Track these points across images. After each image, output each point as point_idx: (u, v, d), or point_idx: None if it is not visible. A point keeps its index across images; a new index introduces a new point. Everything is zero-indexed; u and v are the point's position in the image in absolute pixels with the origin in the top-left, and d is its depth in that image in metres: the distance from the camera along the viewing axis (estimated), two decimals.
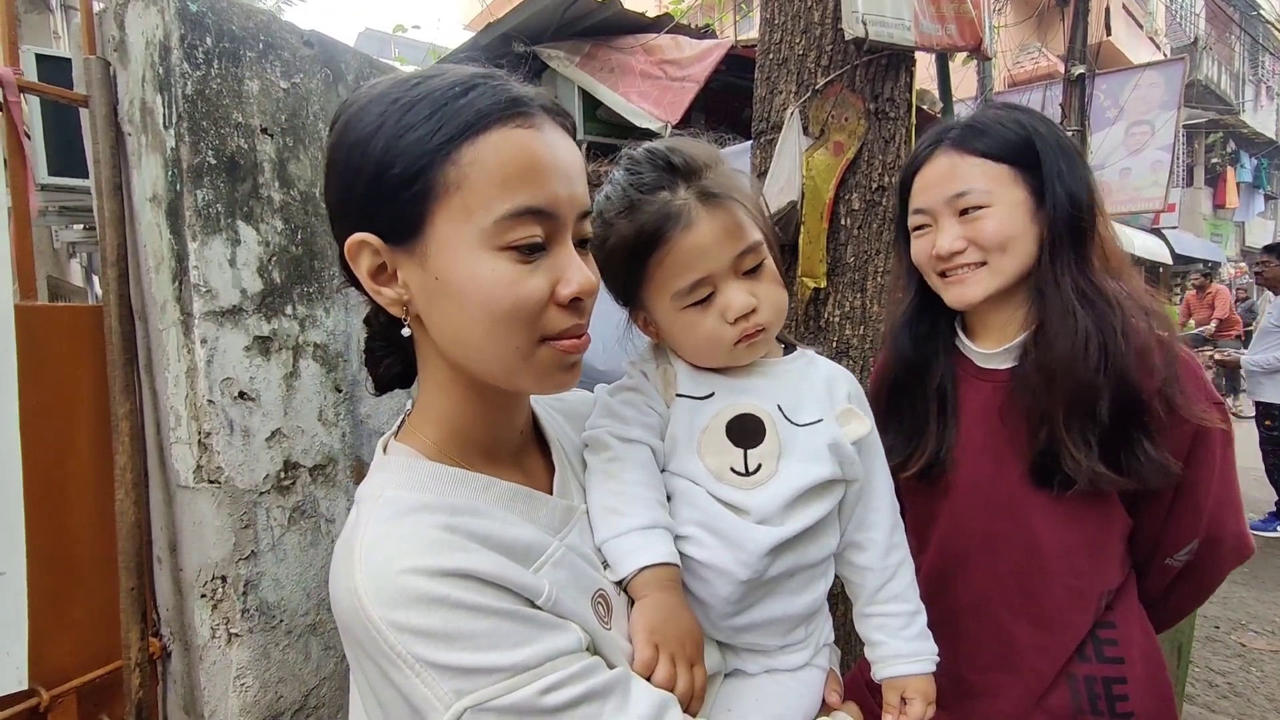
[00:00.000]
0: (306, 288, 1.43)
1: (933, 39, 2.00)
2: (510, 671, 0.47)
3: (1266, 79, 20.61)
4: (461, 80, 0.53)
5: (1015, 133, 0.92)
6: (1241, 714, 2.73)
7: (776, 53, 1.99)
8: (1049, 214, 0.90)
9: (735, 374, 0.75)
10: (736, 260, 0.70)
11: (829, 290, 1.91)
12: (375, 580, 0.48)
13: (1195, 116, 14.31)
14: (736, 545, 0.68)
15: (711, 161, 0.72)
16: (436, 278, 0.53)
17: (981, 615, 0.99)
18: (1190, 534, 0.94)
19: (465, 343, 0.55)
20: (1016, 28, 11.97)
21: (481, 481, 0.58)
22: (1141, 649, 0.96)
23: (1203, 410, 0.88)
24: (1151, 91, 8.44)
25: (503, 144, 0.52)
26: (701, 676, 0.62)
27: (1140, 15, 14.84)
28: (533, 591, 0.52)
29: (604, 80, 3.11)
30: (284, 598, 1.37)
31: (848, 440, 0.73)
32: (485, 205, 0.51)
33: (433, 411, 0.62)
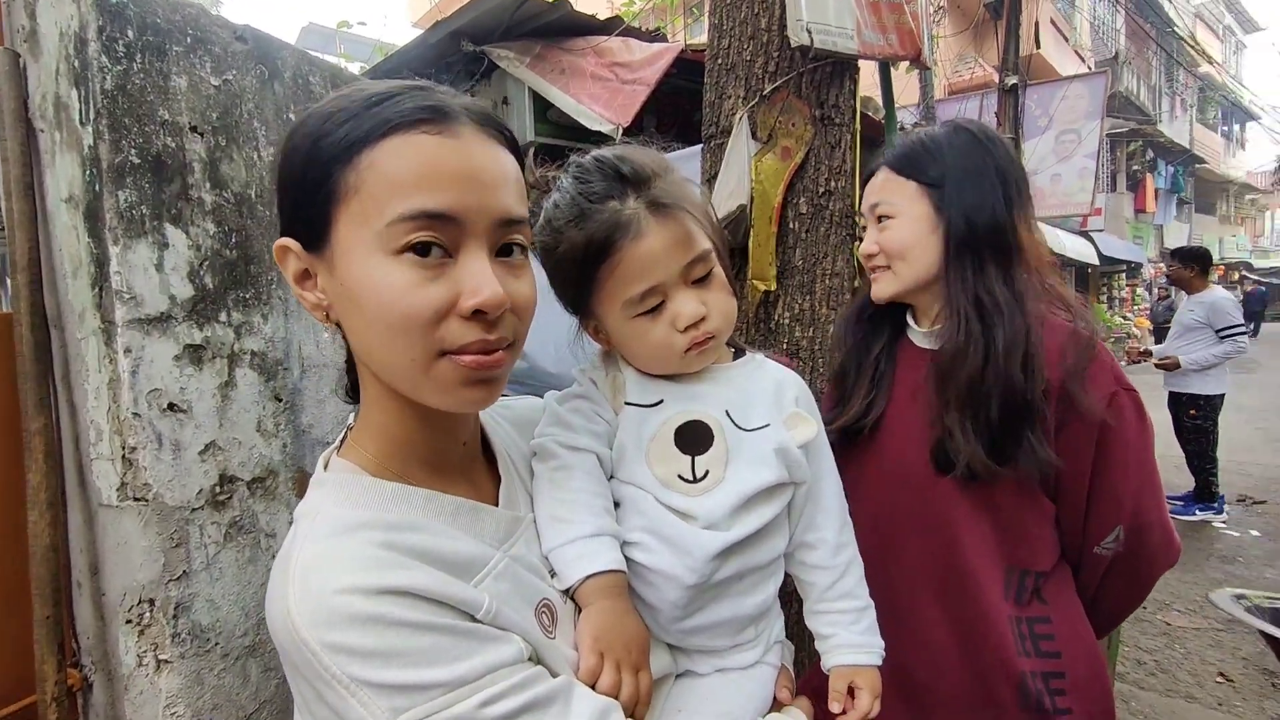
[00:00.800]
0: (242, 293, 1.37)
1: (875, 48, 2.06)
2: (448, 686, 0.47)
3: (1180, 92, 22.08)
4: (385, 90, 0.54)
5: (928, 153, 1.03)
6: (1168, 689, 2.90)
7: (725, 58, 2.01)
8: (948, 227, 1.00)
9: (684, 380, 0.75)
10: (686, 269, 0.70)
11: (778, 293, 1.94)
12: (309, 601, 0.47)
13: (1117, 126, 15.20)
14: (683, 551, 0.68)
15: (661, 170, 0.72)
16: (342, 283, 0.53)
17: (914, 593, 1.03)
18: (1113, 520, 0.98)
19: (369, 351, 0.55)
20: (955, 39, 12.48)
21: (422, 496, 0.57)
22: (1078, 643, 0.99)
23: (1112, 396, 0.95)
24: (1078, 102, 8.92)
25: (403, 148, 0.51)
26: (647, 682, 0.63)
27: (1066, 30, 15.68)
28: (472, 605, 0.52)
29: (555, 82, 3.09)
30: (220, 619, 1.31)
31: (795, 444, 0.74)
32: (379, 208, 0.50)
33: (372, 425, 0.60)
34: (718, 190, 1.96)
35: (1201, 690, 2.88)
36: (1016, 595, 0.99)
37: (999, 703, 0.97)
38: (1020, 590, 0.99)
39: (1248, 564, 4.10)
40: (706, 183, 2.10)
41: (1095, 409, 0.94)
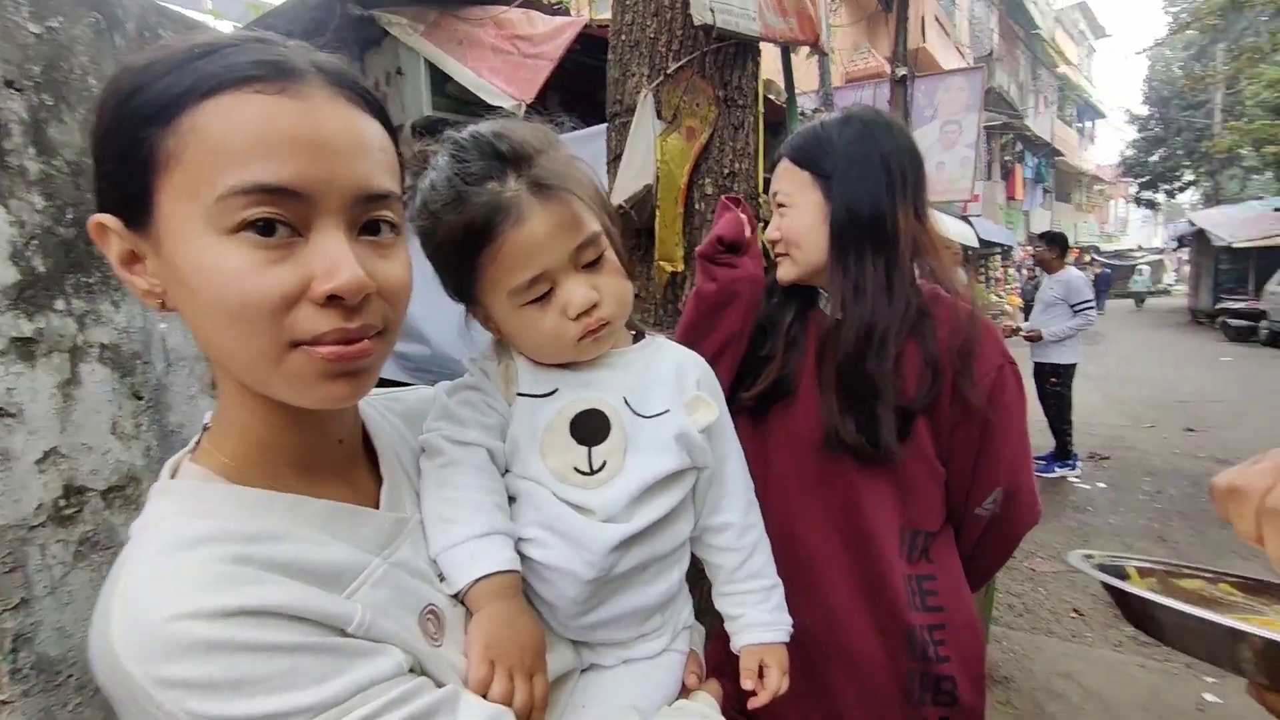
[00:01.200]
0: (85, 278, 1.19)
1: (776, 31, 2.09)
2: (313, 710, 0.43)
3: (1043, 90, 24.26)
4: (214, 41, 0.46)
5: (819, 144, 1.07)
6: (1033, 627, 3.24)
7: (629, 34, 1.97)
8: (833, 217, 1.05)
9: (579, 368, 0.72)
10: (575, 254, 0.66)
11: (686, 273, 1.94)
12: (135, 631, 0.41)
13: (992, 119, 16.46)
14: (580, 545, 0.66)
15: (544, 146, 0.67)
16: (171, 266, 0.46)
17: (819, 552, 1.08)
18: (993, 483, 1.06)
19: (210, 342, 0.48)
20: (851, 28, 13.02)
21: (288, 502, 0.52)
22: (957, 598, 1.07)
23: (999, 369, 1.03)
24: (959, 95, 9.58)
25: (232, 109, 0.44)
26: (542, 687, 0.60)
27: (948, 26, 16.76)
28: (341, 619, 0.47)
29: (452, 53, 2.93)
30: (72, 648, 1.16)
31: (696, 428, 0.72)
32: (207, 180, 0.43)
33: (230, 425, 0.54)
34: (623, 170, 1.93)
35: (1059, 625, 3.25)
36: (909, 554, 1.06)
37: (892, 653, 1.04)
38: (912, 549, 1.06)
39: (1096, 512, 4.65)
40: (612, 162, 2.06)
41: (984, 382, 1.02)
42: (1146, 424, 6.91)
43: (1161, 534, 4.18)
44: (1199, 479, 5.12)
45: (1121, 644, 3.07)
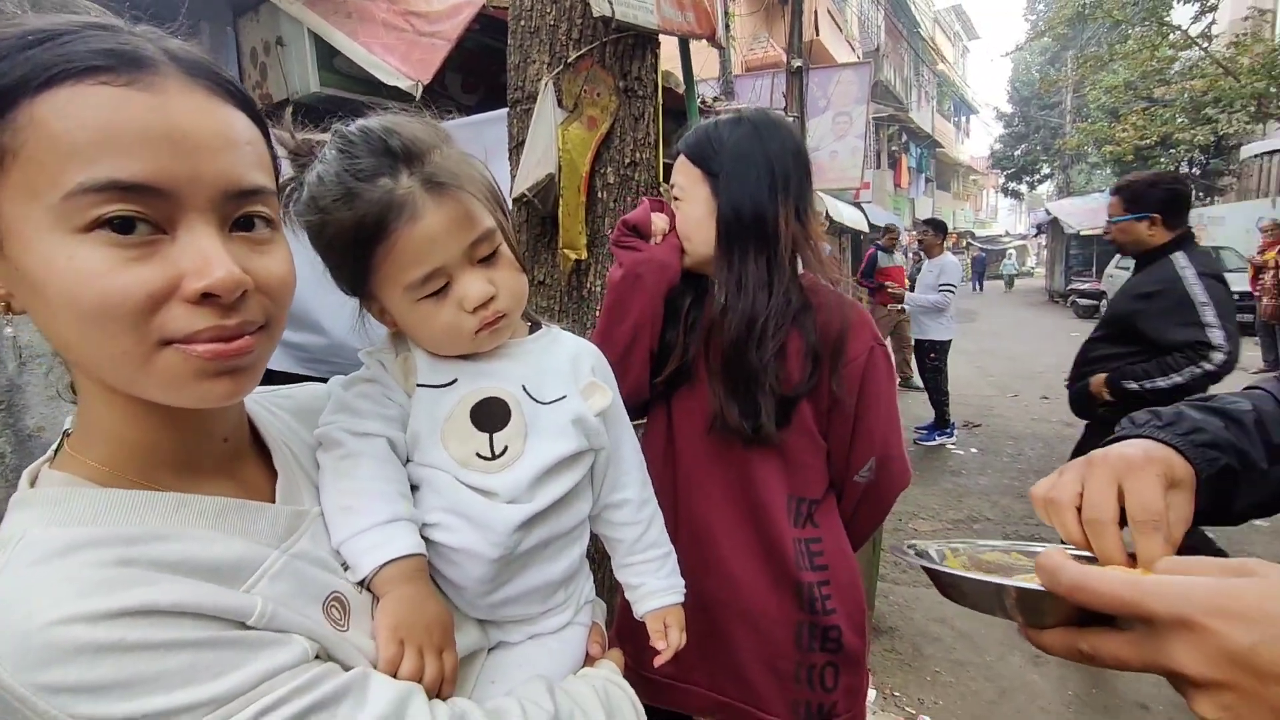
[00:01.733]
0: None
1: (673, 24, 2.15)
2: (215, 703, 0.43)
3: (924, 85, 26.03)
4: (51, 27, 0.43)
5: (710, 144, 1.14)
6: (914, 581, 3.58)
7: (529, 20, 1.97)
8: (720, 213, 1.13)
9: (478, 358, 0.74)
10: (470, 250, 0.67)
11: (590, 261, 1.99)
12: (11, 641, 0.40)
13: (879, 111, 17.49)
14: (485, 526, 0.68)
15: (436, 143, 0.67)
16: (15, 266, 0.44)
17: (717, 522, 1.19)
18: (868, 453, 1.18)
19: (65, 345, 0.46)
20: (750, 18, 13.36)
21: (170, 501, 0.50)
22: (841, 558, 1.20)
23: (870, 350, 1.14)
24: (849, 87, 10.13)
25: (74, 102, 0.42)
26: (452, 661, 0.62)
27: (840, 21, 17.57)
28: (240, 612, 0.47)
29: (340, 26, 2.76)
30: None
31: (592, 412, 0.77)
32: (50, 177, 0.42)
33: (100, 428, 0.51)
34: (525, 157, 1.93)
35: None
36: (796, 520, 1.17)
37: (784, 607, 1.16)
38: (798, 515, 1.18)
39: (969, 475, 5.17)
40: (514, 149, 2.06)
41: (857, 363, 1.13)
42: (1011, 394, 7.72)
43: (1020, 491, 4.71)
44: (1051, 441, 5.82)
45: None
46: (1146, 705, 2.51)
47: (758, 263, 1.12)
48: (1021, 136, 30.36)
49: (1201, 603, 0.36)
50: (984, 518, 4.36)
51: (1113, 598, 0.39)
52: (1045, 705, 2.54)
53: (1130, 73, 16.00)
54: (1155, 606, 0.38)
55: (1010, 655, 2.86)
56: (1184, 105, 15.25)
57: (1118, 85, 16.70)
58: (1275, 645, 0.35)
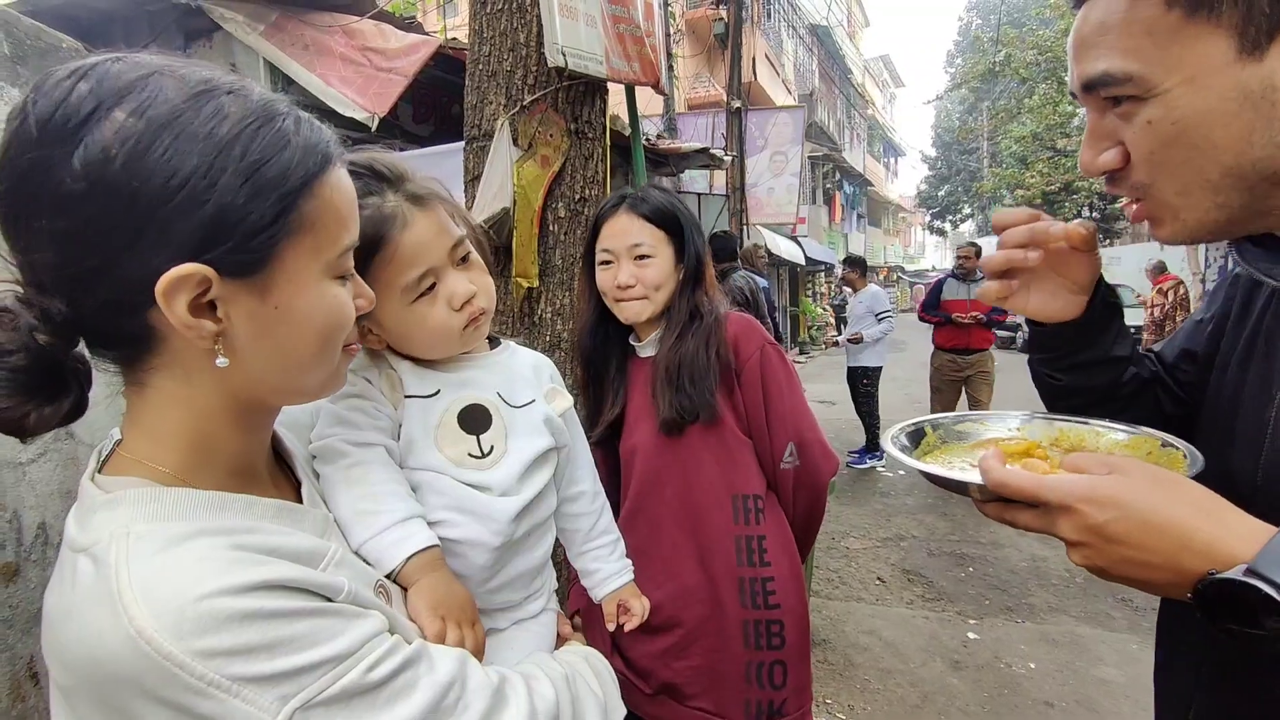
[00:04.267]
0: None
1: (621, 74, 2.33)
2: (334, 662, 0.50)
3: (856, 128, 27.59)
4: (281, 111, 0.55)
5: (668, 210, 1.34)
6: (845, 596, 3.78)
7: (486, 64, 2.10)
8: (685, 266, 1.34)
9: (456, 369, 0.84)
10: (451, 252, 0.78)
11: (541, 289, 2.10)
12: (169, 614, 0.45)
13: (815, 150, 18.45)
14: (487, 518, 0.78)
15: (409, 170, 0.79)
16: (277, 307, 0.55)
17: (663, 530, 1.31)
18: (784, 437, 1.31)
19: (296, 364, 0.58)
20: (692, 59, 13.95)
21: (242, 501, 0.57)
22: (785, 555, 1.31)
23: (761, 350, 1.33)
24: (785, 128, 10.70)
25: (339, 184, 0.57)
26: (482, 633, 0.72)
27: (777, 65, 18.54)
28: (332, 589, 0.54)
29: (297, 58, 2.82)
30: None
31: (556, 414, 0.89)
32: (333, 240, 0.57)
33: (176, 437, 0.56)
34: (482, 191, 2.05)
35: (866, 592, 3.82)
36: (744, 518, 1.29)
37: (730, 604, 1.27)
38: (746, 513, 1.29)
39: (897, 495, 5.48)
40: (470, 182, 2.17)
41: (753, 360, 1.32)
42: None
43: (943, 510, 5.03)
44: None
45: (913, 602, 3.69)
46: (1051, 703, 2.75)
47: (701, 294, 1.36)
48: (944, 178, 32.57)
49: (1077, 493, 0.54)
50: (910, 535, 4.63)
51: (1020, 490, 0.57)
52: (964, 706, 2.74)
53: (1036, 125, 17.53)
54: (1048, 496, 0.56)
55: (932, 661, 3.07)
56: None
57: (1026, 136, 18.25)
58: (1119, 523, 0.53)
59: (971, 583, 3.88)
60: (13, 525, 1.27)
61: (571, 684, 0.74)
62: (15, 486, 1.29)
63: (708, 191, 9.43)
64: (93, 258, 0.49)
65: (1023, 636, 3.27)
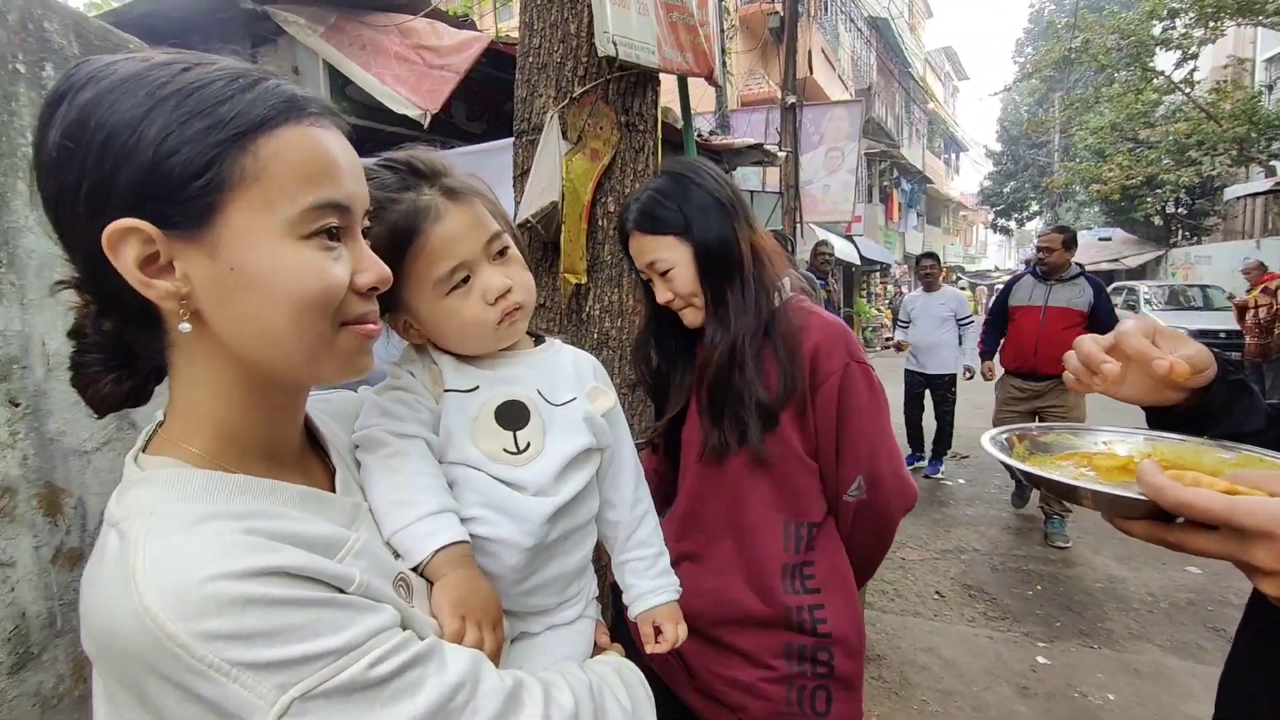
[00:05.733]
0: None
1: (673, 64, 2.27)
2: (336, 654, 0.49)
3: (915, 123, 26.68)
4: (242, 73, 0.54)
5: (663, 206, 1.20)
6: (901, 610, 3.61)
7: (536, 57, 2.07)
8: (695, 257, 1.19)
9: (495, 366, 0.82)
10: (487, 245, 0.77)
11: (589, 286, 2.06)
12: (174, 594, 0.45)
13: (871, 147, 17.93)
14: (520, 518, 0.75)
15: (448, 166, 0.79)
16: (232, 268, 0.52)
17: (715, 545, 1.23)
18: (854, 468, 1.18)
19: (267, 332, 0.55)
20: (746, 55, 13.75)
21: (266, 486, 0.57)
22: (837, 581, 1.21)
23: (845, 368, 1.17)
24: (841, 124, 10.40)
25: (302, 139, 0.54)
26: (502, 636, 0.69)
27: (833, 59, 18.09)
28: (343, 580, 0.53)
29: (354, 58, 2.88)
30: None
31: (598, 413, 0.84)
32: (289, 197, 0.53)
33: (202, 418, 0.58)
34: (530, 186, 2.02)
35: (924, 607, 3.64)
36: (795, 545, 1.19)
37: (773, 626, 1.19)
38: (797, 540, 1.19)
39: (956, 505, 5.22)
40: (519, 177, 2.15)
41: (832, 380, 1.16)
42: None
43: (1006, 523, 4.76)
44: None
45: (974, 620, 3.49)
46: None
47: (732, 290, 1.19)
48: (1010, 174, 31.07)
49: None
50: (971, 548, 4.40)
51: (1213, 515, 0.51)
52: None
53: (1116, 115, 16.48)
54: (1246, 522, 0.51)
55: (997, 685, 2.88)
56: (1168, 147, 15.65)
57: (1104, 127, 17.19)
58: None
59: (1040, 602, 3.64)
60: (78, 511, 1.31)
61: (596, 695, 0.70)
62: (81, 474, 1.34)
63: (760, 189, 9.27)
64: (66, 224, 0.53)
65: (1100, 664, 3.04)
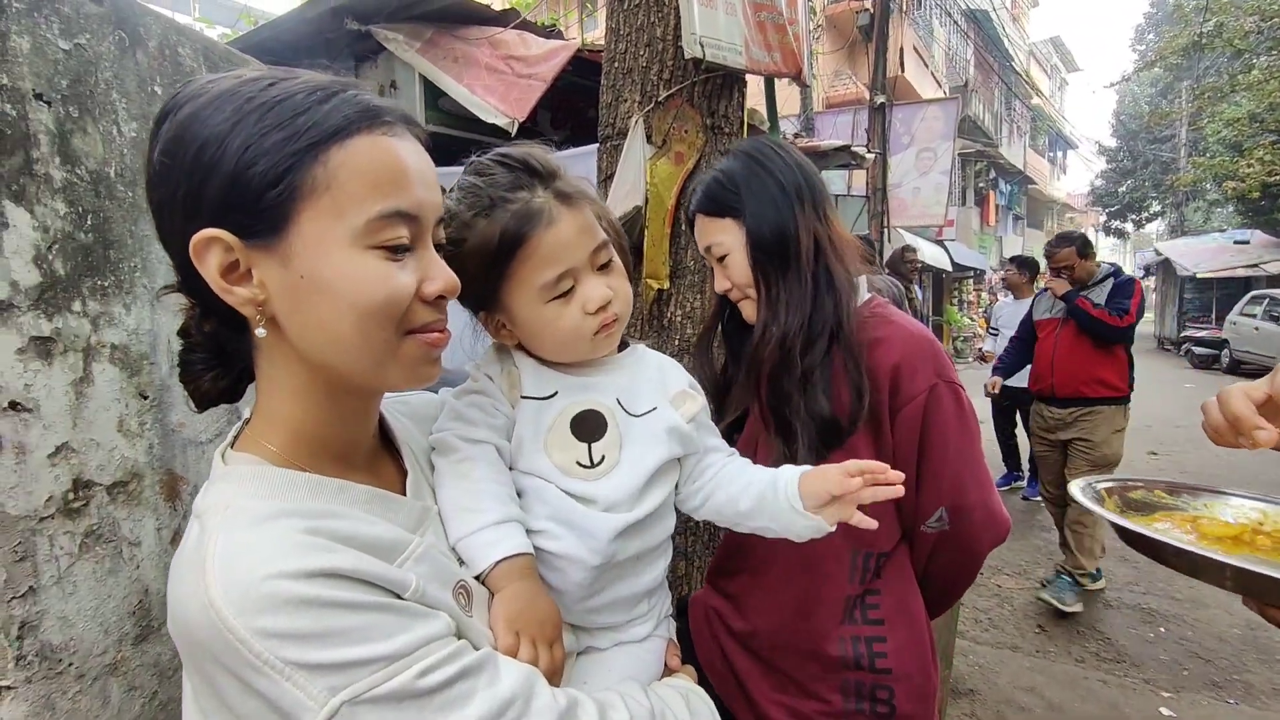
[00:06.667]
0: (100, 281, 1.24)
1: (761, 65, 2.21)
2: (386, 661, 0.49)
3: (1016, 120, 25.03)
4: (322, 86, 0.55)
5: (723, 188, 1.12)
6: (998, 642, 3.34)
7: (622, 62, 2.08)
8: (749, 243, 1.10)
9: (577, 373, 0.79)
10: (593, 255, 0.75)
11: (671, 291, 2.04)
12: (236, 589, 0.47)
13: (966, 147, 16.97)
14: (587, 534, 0.73)
15: (561, 168, 0.77)
16: (302, 275, 0.54)
17: (771, 567, 1.12)
18: (935, 501, 1.05)
19: (334, 339, 0.56)
20: (831, 56, 13.37)
21: (335, 485, 0.58)
22: (902, 615, 1.08)
23: (932, 388, 1.03)
24: (934, 123, 9.89)
25: (372, 149, 0.55)
26: (561, 654, 0.67)
27: (926, 56, 17.28)
28: (399, 585, 0.54)
29: (447, 70, 3.01)
30: (74, 637, 1.19)
31: (685, 419, 0.81)
32: (357, 205, 0.54)
33: (280, 418, 0.60)
34: (614, 190, 2.02)
35: (1024, 641, 3.35)
36: (861, 576, 1.08)
37: (829, 661, 1.07)
38: (864, 572, 1.08)
39: None
40: (603, 182, 2.16)
41: (917, 400, 1.03)
42: None
43: (1123, 554, 4.33)
44: None
45: (1084, 660, 3.18)
46: None
47: (786, 283, 1.09)
48: (1127, 172, 28.51)
49: None
50: None
51: None
52: None
53: (1255, 105, 14.81)
54: None
55: None
56: None
57: (1240, 118, 15.48)
58: None
59: (1164, 646, 3.27)
60: (193, 498, 1.41)
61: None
62: (197, 463, 1.44)
63: (846, 193, 8.95)
64: (166, 232, 0.56)
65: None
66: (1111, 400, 3.56)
